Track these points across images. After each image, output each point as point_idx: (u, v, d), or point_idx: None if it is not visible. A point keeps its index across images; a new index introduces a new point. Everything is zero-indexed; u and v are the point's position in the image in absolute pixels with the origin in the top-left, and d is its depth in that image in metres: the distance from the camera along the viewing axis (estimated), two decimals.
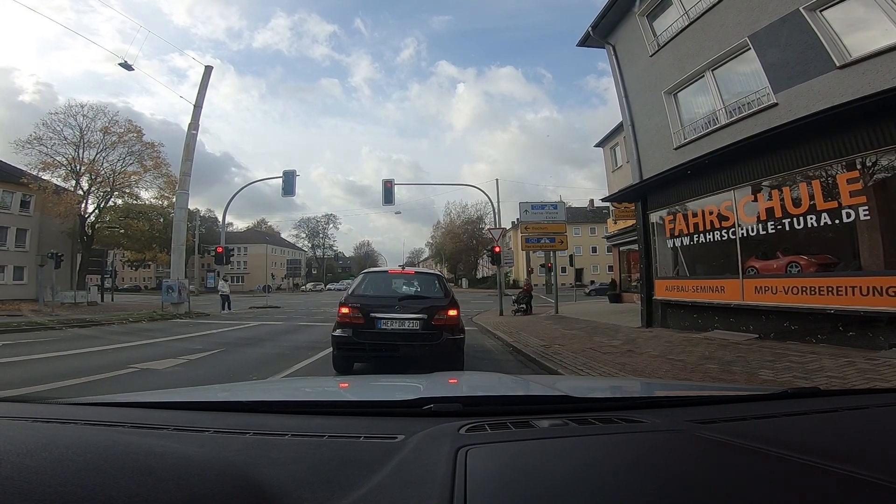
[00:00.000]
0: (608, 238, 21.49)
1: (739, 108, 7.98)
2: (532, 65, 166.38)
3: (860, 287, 5.80)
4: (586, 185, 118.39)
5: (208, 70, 18.73)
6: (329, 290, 51.33)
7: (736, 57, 8.07)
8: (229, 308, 18.50)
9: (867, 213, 5.83)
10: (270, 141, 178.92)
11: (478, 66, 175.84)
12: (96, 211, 28.42)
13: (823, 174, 6.43)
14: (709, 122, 8.72)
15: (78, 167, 26.69)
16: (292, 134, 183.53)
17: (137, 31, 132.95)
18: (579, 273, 43.06)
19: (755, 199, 7.50)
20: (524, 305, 14.96)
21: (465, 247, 58.62)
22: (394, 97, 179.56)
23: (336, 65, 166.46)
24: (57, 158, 26.24)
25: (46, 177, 25.67)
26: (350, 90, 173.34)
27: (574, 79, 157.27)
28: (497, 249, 15.76)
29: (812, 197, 6.52)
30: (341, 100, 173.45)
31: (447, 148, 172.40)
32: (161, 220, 32.87)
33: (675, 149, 9.33)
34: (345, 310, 5.10)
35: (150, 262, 38.77)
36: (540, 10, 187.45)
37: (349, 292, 5.47)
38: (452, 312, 5.14)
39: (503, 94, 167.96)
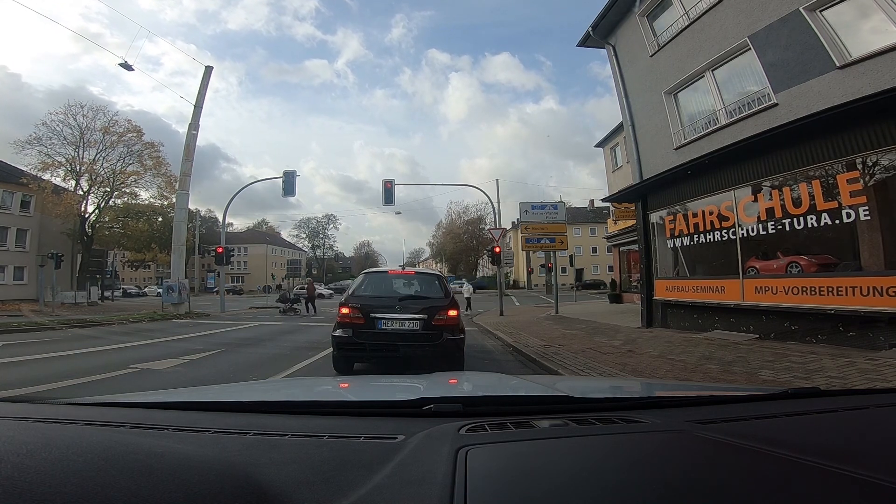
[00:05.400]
0: (608, 238, 21.48)
1: (739, 108, 7.98)
2: (529, 53, 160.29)
3: (860, 287, 5.80)
4: (590, 182, 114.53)
5: (208, 70, 18.77)
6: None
7: (736, 57, 8.07)
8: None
9: (867, 213, 5.82)
10: (259, 134, 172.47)
11: (473, 54, 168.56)
12: (96, 211, 28.47)
13: (824, 174, 6.43)
14: (709, 122, 8.72)
15: (78, 167, 26.73)
16: (282, 128, 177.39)
17: (105, 19, 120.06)
18: (579, 273, 43.08)
19: (755, 200, 7.50)
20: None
21: (465, 247, 58.60)
22: (386, 90, 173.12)
23: (322, 46, 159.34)
24: (57, 159, 26.34)
25: (47, 177, 25.76)
26: (340, 76, 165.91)
27: (575, 69, 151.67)
28: (497, 250, 15.77)
29: (812, 197, 6.52)
30: (331, 86, 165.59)
31: (444, 142, 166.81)
32: (160, 219, 32.89)
33: (676, 149, 9.33)
34: (345, 310, 5.10)
35: (150, 263, 38.77)
36: (527, 4, 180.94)
37: (349, 292, 5.47)
38: (452, 312, 5.14)
39: (501, 84, 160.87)
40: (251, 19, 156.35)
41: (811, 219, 6.49)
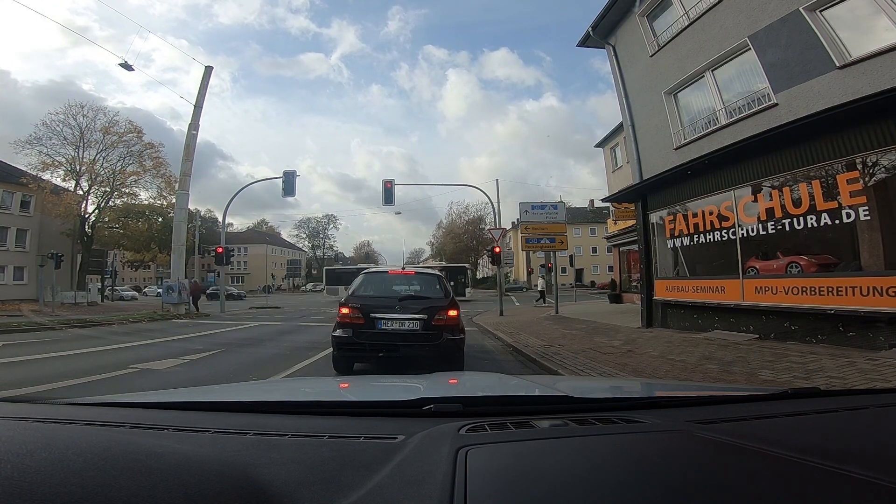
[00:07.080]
0: (608, 238, 21.49)
1: (739, 108, 7.98)
2: (528, 49, 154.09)
3: (860, 287, 5.80)
4: (591, 181, 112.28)
5: (208, 70, 18.75)
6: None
7: (736, 57, 8.07)
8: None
9: (867, 213, 5.82)
10: (255, 131, 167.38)
11: (471, 50, 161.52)
12: (96, 211, 28.47)
13: (823, 174, 6.43)
14: (709, 122, 8.72)
15: (78, 167, 26.74)
16: (278, 126, 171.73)
17: (93, 14, 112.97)
18: (579, 273, 43.07)
19: (755, 200, 7.50)
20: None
21: (465, 247, 58.59)
22: (382, 87, 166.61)
23: (317, 40, 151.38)
24: (57, 159, 26.33)
25: (46, 177, 25.76)
26: (336, 71, 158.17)
27: (575, 65, 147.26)
28: (497, 250, 15.76)
29: (812, 197, 6.52)
30: (327, 81, 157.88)
31: (443, 141, 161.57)
32: (160, 220, 32.88)
33: (676, 149, 9.33)
34: (345, 310, 5.10)
35: (149, 263, 38.74)
36: (524, 3, 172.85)
37: (349, 293, 5.47)
38: (452, 312, 5.14)
39: (500, 80, 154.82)
40: (243, 12, 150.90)
41: (811, 219, 6.49)
